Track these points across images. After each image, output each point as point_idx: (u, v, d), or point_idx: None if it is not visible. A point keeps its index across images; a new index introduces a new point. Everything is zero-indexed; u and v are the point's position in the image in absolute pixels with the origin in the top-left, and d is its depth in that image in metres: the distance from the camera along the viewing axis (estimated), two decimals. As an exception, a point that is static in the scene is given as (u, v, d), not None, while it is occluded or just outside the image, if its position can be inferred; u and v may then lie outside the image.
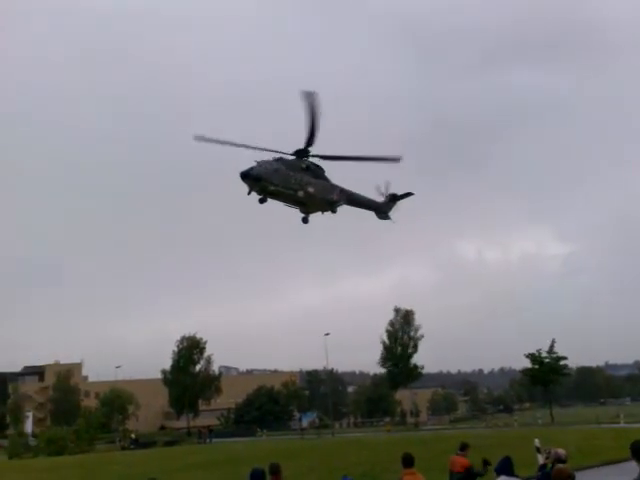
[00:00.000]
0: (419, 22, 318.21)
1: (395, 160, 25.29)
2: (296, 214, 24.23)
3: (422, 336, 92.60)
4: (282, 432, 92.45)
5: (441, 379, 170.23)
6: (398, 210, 28.71)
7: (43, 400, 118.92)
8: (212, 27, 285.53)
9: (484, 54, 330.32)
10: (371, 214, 28.10)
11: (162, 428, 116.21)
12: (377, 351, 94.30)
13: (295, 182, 23.13)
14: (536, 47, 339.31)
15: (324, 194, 24.59)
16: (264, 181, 21.83)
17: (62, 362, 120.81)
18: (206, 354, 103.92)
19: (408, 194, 28.70)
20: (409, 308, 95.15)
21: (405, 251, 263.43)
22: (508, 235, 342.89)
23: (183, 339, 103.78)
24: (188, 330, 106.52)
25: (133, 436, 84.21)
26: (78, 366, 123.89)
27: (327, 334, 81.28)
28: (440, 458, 23.29)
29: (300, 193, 23.32)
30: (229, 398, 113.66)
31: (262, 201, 22.59)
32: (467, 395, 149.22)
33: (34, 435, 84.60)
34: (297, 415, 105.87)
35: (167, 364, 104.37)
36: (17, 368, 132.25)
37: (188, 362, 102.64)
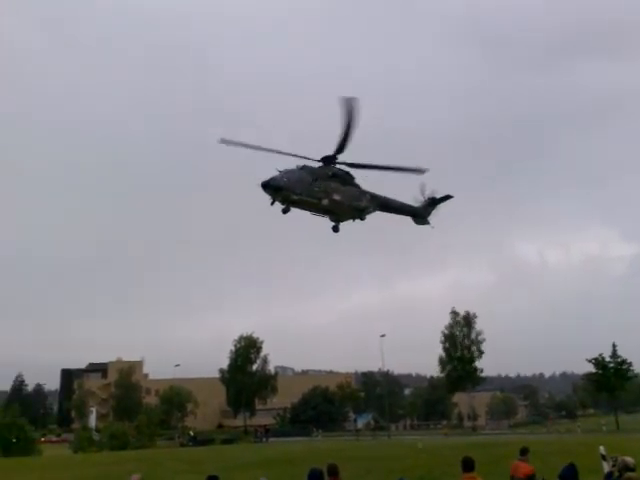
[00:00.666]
0: (484, 17, 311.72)
1: (421, 172, 24.30)
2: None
3: (484, 339, 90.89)
4: (337, 433, 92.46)
5: (499, 382, 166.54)
6: (438, 214, 27.46)
7: (106, 396, 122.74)
8: (280, 26, 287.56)
9: (549, 47, 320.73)
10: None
11: (220, 426, 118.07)
12: (435, 353, 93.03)
13: (320, 190, 22.49)
14: (601, 39, 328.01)
15: (351, 201, 23.82)
16: (285, 190, 21.35)
17: (124, 359, 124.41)
18: (263, 354, 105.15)
19: (447, 197, 27.65)
20: (470, 311, 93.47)
21: (464, 252, 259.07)
22: (571, 235, 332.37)
23: (241, 339, 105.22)
24: (246, 330, 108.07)
25: (191, 433, 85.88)
26: (139, 364, 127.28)
27: (383, 335, 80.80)
28: (499, 463, 22.75)
29: (325, 202, 22.70)
30: (285, 398, 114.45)
31: (285, 211, 21.85)
32: (527, 399, 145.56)
33: (97, 430, 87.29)
34: (352, 416, 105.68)
35: (225, 363, 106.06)
36: (82, 365, 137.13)
37: (245, 361, 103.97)
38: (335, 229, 24.61)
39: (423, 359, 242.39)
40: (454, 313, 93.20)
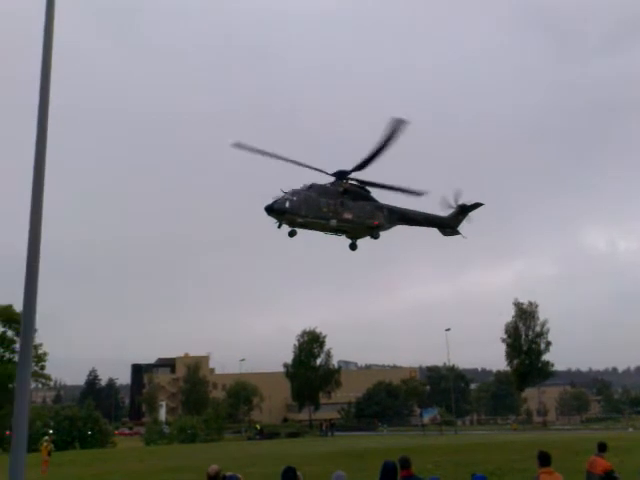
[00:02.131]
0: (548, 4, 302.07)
1: (419, 194, 23.25)
2: None
3: (548, 330, 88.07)
4: (403, 427, 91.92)
5: (570, 377, 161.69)
6: (470, 221, 26.08)
7: (175, 390, 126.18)
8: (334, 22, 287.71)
9: (612, 33, 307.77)
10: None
11: (285, 420, 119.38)
12: (501, 348, 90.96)
13: (328, 210, 21.78)
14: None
15: (363, 219, 22.91)
16: (289, 214, 20.80)
17: (191, 355, 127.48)
18: (326, 348, 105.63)
19: (477, 205, 26.22)
20: (532, 302, 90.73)
21: (530, 242, 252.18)
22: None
23: (304, 333, 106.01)
24: (309, 325, 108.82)
25: (258, 427, 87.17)
26: (205, 359, 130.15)
27: (448, 330, 79.69)
28: (573, 459, 22.04)
29: (333, 222, 21.94)
30: (348, 392, 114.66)
31: (292, 234, 21.14)
32: (600, 394, 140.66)
33: (167, 423, 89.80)
34: (417, 411, 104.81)
35: (289, 358, 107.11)
36: (151, 360, 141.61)
37: (309, 356, 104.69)
38: (352, 247, 23.92)
39: (489, 353, 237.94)
40: (517, 304, 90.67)
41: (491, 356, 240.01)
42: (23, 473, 5.57)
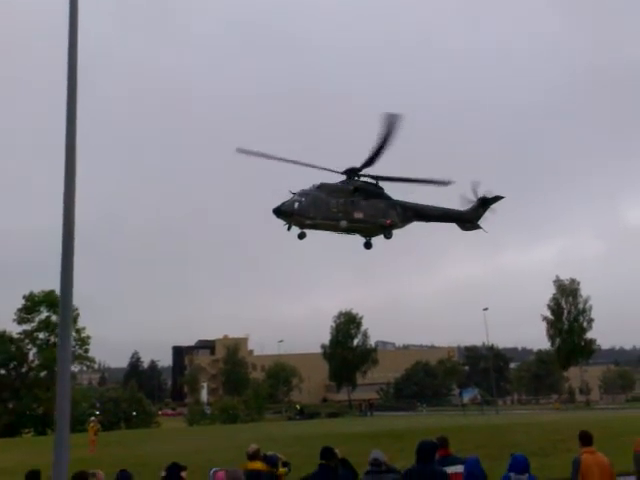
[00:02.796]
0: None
1: (445, 184, 22.75)
2: None
3: (590, 308, 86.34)
4: (442, 407, 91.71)
5: (614, 355, 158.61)
6: (492, 212, 25.00)
7: (215, 372, 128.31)
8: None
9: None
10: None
11: (324, 400, 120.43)
12: (541, 326, 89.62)
13: (338, 210, 21.31)
14: None
15: (375, 218, 22.26)
16: (298, 216, 20.54)
17: (230, 336, 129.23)
18: (363, 328, 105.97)
19: (498, 197, 25.16)
20: (573, 279, 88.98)
21: (571, 217, 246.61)
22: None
23: (340, 315, 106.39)
24: (347, 306, 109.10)
25: (298, 407, 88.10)
26: (244, 340, 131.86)
27: (486, 309, 78.91)
28: (616, 439, 21.55)
29: (343, 223, 21.44)
30: (387, 373, 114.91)
31: (301, 236, 20.85)
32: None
33: (209, 404, 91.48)
34: (456, 391, 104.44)
35: (326, 339, 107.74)
36: (191, 342, 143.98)
37: (346, 337, 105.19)
38: (367, 245, 23.36)
39: (529, 333, 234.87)
40: (558, 282, 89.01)
41: (531, 335, 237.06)
42: (67, 452, 5.62)
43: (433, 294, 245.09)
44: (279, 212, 20.65)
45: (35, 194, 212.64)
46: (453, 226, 26.16)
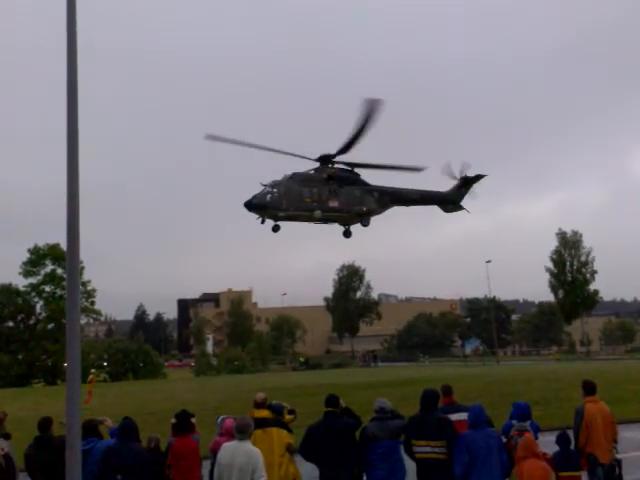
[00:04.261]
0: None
1: (418, 170, 22.17)
2: None
3: (593, 259, 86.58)
4: (444, 358, 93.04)
5: (615, 307, 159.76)
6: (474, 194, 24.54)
7: (220, 324, 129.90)
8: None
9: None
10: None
11: (327, 352, 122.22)
12: (543, 279, 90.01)
13: (312, 200, 20.78)
14: None
15: (351, 207, 21.68)
16: (270, 208, 20.06)
17: (234, 290, 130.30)
18: (365, 281, 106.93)
19: (480, 176, 24.64)
20: (575, 231, 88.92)
21: (573, 168, 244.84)
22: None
23: (343, 268, 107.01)
24: (350, 259, 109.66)
25: (302, 359, 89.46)
26: (248, 293, 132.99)
27: (488, 261, 79.07)
28: (615, 388, 21.95)
29: (317, 213, 20.89)
30: (390, 325, 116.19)
31: (275, 229, 20.41)
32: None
33: (215, 355, 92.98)
34: (458, 342, 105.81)
35: (329, 292, 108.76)
36: (196, 295, 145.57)
37: (349, 289, 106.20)
38: (346, 234, 22.86)
39: (531, 285, 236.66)
40: (561, 234, 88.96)
41: (533, 287, 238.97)
42: (79, 402, 5.72)
43: (436, 247, 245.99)
44: (251, 206, 20.14)
45: (41, 148, 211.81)
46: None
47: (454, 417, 8.39)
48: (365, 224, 22.66)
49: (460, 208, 25.11)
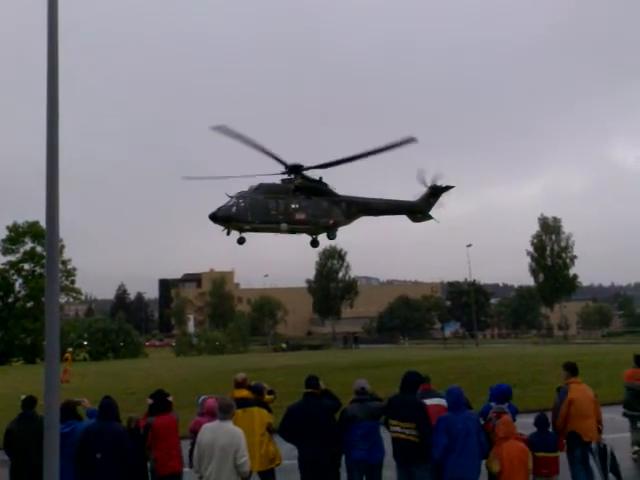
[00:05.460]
0: None
1: (409, 141, 21.26)
2: None
3: (573, 244, 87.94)
4: (424, 341, 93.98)
5: (592, 292, 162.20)
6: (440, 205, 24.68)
7: (201, 304, 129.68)
8: None
9: None
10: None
11: (309, 333, 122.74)
12: (523, 263, 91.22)
13: (277, 213, 20.64)
14: None
15: (317, 219, 21.57)
16: (235, 221, 19.98)
17: (216, 270, 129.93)
18: (345, 262, 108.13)
19: (449, 187, 24.56)
20: (556, 217, 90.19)
21: (554, 154, 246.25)
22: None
23: (325, 250, 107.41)
24: (331, 242, 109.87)
25: (284, 346, 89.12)
26: (230, 274, 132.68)
27: (469, 245, 79.79)
28: (592, 372, 22.30)
29: (283, 226, 20.81)
30: (371, 307, 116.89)
31: (240, 241, 20.48)
32: (622, 309, 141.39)
33: (196, 335, 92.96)
34: (439, 325, 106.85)
35: (311, 275, 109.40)
36: (177, 275, 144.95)
37: (330, 271, 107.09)
38: (314, 244, 22.77)
39: (510, 269, 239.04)
40: (543, 219, 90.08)
41: (512, 271, 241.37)
42: (58, 381, 5.68)
43: (418, 231, 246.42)
44: (215, 218, 20.02)
45: (19, 121, 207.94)
46: (440, 160, 25.90)
47: (429, 402, 8.54)
48: (331, 237, 22.60)
49: (429, 217, 25.09)
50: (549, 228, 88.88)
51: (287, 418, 8.59)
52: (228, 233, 20.61)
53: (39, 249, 68.20)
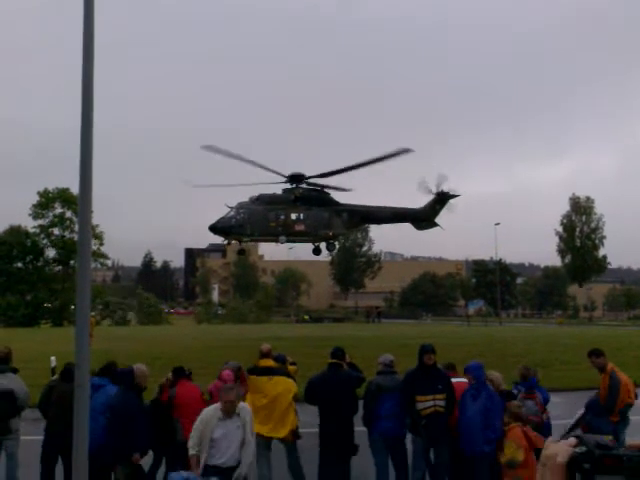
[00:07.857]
0: None
1: (405, 152, 21.22)
2: None
3: (604, 225, 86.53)
4: (447, 317, 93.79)
5: (620, 274, 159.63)
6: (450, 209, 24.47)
7: (226, 274, 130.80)
8: None
9: None
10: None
11: (331, 306, 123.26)
12: (551, 243, 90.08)
13: (277, 225, 20.45)
14: None
15: (317, 230, 21.39)
16: (234, 234, 20.08)
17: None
18: (369, 236, 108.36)
19: (455, 195, 24.64)
20: (588, 197, 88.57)
21: (587, 133, 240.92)
22: None
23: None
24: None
25: (306, 317, 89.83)
26: (255, 245, 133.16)
27: (497, 224, 78.81)
28: (619, 354, 22.04)
29: (282, 239, 20.70)
30: (394, 282, 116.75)
31: (240, 253, 20.53)
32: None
33: (221, 305, 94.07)
34: (462, 302, 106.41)
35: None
36: (203, 245, 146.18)
37: (353, 244, 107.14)
38: (316, 251, 22.62)
39: (537, 248, 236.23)
40: (574, 199, 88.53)
41: (540, 251, 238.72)
42: (88, 344, 5.78)
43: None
44: (215, 230, 20.24)
45: (55, 90, 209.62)
46: (469, 139, 25.71)
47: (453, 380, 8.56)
48: (330, 249, 22.66)
49: (434, 225, 24.87)
50: (580, 208, 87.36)
51: (310, 386, 8.67)
52: (229, 243, 21.07)
53: (69, 214, 69.26)
